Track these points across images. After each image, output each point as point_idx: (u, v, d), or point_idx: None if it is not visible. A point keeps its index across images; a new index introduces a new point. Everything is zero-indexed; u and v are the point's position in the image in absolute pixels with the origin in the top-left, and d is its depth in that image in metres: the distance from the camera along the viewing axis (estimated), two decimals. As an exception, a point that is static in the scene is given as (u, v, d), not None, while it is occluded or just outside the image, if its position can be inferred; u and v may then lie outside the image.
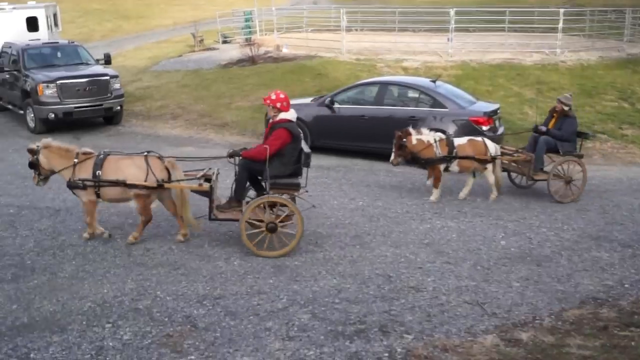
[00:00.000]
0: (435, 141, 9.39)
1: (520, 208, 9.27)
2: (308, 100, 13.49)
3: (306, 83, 18.01)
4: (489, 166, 9.59)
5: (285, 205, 7.13)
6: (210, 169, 7.74)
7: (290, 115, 7.29)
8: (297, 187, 7.30)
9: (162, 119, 16.44)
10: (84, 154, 7.42)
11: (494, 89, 16.97)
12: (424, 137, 9.46)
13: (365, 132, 12.11)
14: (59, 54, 16.32)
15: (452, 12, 20.69)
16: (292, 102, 14.15)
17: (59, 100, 14.46)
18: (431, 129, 9.96)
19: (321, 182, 10.54)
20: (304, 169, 7.40)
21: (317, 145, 12.84)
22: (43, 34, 20.02)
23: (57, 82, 14.50)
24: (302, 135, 7.51)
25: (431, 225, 8.36)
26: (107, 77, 15.16)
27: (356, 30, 27.31)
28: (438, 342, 5.25)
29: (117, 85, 15.39)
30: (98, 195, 7.35)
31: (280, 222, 7.09)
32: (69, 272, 6.67)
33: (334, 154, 12.53)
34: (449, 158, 9.39)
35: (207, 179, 7.52)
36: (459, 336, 5.37)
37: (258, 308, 5.82)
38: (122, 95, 15.71)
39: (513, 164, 9.98)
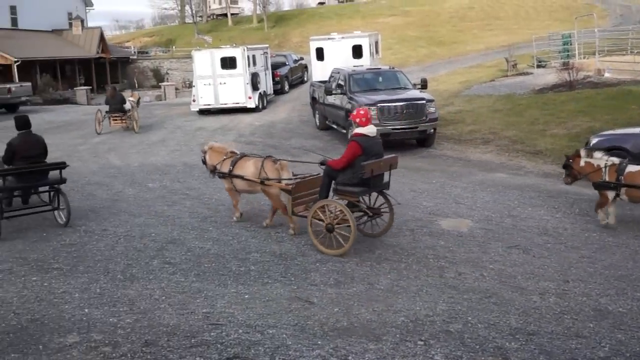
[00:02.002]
0: (606, 166, 8.94)
1: None
2: (637, 130, 12.16)
3: (632, 111, 16.31)
4: None
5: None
6: (319, 174, 8.82)
7: (367, 130, 7.95)
8: (355, 195, 8.00)
9: (472, 144, 16.47)
10: (232, 152, 9.39)
11: None
12: (594, 160, 9.17)
13: None
14: (380, 79, 17.56)
15: None
16: (617, 131, 12.96)
17: (378, 121, 15.48)
18: None
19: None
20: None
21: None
22: (366, 61, 21.76)
23: (378, 104, 15.57)
24: (376, 151, 8.01)
25: None
26: (423, 101, 15.73)
27: (696, 51, 23.94)
28: None
29: (432, 109, 15.81)
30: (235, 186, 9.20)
31: (337, 224, 7.91)
32: (385, 284, 7.03)
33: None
34: (612, 185, 8.83)
35: None
36: None
37: (576, 352, 5.37)
38: (436, 119, 16.08)
39: None
